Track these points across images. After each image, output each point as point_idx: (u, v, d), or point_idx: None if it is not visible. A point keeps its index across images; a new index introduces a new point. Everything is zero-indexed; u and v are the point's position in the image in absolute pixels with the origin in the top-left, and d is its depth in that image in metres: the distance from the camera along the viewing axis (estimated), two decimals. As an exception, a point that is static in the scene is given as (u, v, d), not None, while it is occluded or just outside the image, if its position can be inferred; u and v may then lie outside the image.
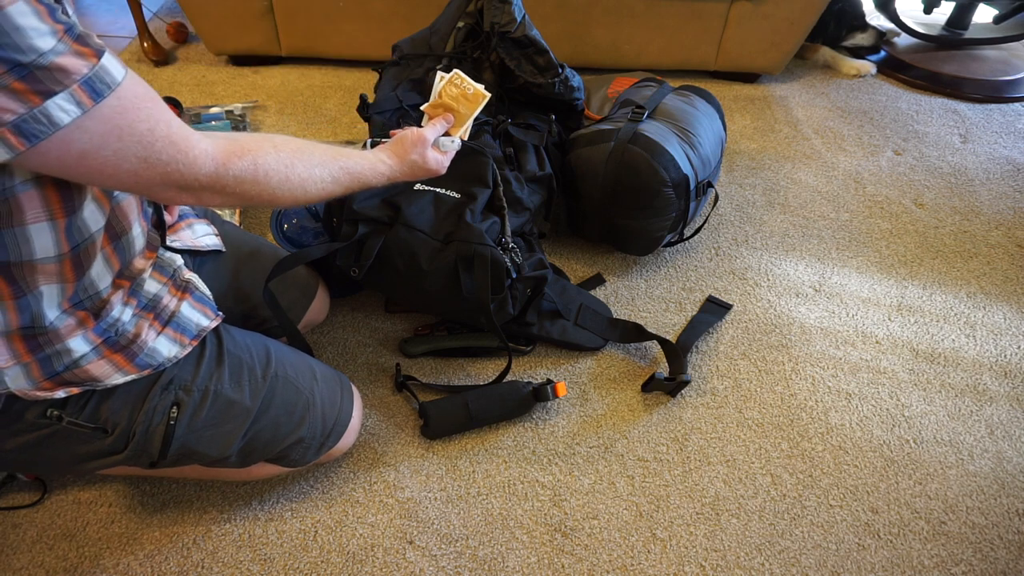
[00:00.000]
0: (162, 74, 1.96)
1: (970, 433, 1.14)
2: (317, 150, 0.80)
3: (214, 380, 0.84)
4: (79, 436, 0.78)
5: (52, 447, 0.79)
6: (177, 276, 0.86)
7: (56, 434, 0.77)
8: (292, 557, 0.96)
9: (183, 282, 0.86)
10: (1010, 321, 1.34)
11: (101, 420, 0.78)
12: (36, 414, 0.75)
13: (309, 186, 0.77)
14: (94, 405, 0.78)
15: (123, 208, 0.73)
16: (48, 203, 0.62)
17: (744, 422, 1.15)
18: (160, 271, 0.84)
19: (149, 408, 0.80)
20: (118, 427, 0.79)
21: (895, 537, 1.01)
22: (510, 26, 1.29)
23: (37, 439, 0.77)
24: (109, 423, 0.79)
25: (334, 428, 0.95)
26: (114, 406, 0.78)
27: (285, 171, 0.74)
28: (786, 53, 1.93)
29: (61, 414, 0.76)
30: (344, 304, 1.31)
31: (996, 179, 1.70)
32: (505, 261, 1.06)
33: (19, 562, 0.94)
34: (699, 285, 1.39)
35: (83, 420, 0.77)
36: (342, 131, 1.77)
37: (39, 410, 0.75)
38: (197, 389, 0.82)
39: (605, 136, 1.29)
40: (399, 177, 0.93)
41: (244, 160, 0.69)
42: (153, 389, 0.80)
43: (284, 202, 0.77)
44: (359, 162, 0.85)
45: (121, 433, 0.79)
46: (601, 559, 0.97)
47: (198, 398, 0.82)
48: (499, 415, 1.11)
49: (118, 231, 0.73)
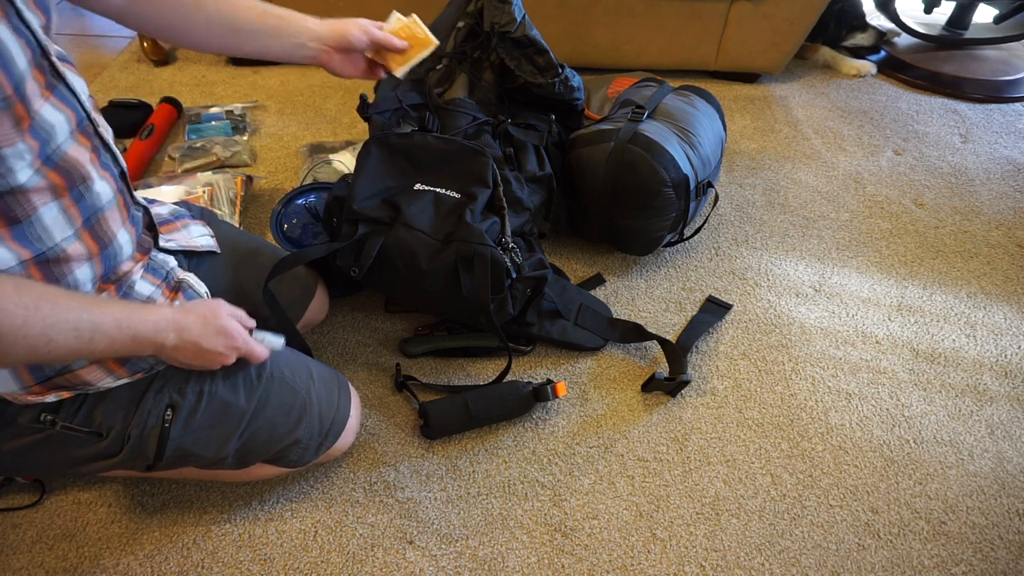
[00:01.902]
0: (162, 74, 1.97)
1: (970, 433, 1.14)
2: (72, 297, 0.66)
3: (208, 382, 0.84)
4: (74, 440, 0.78)
5: (48, 451, 0.78)
6: (171, 277, 0.86)
7: (51, 438, 0.77)
8: (292, 557, 0.96)
9: (176, 283, 0.86)
10: (1010, 321, 1.34)
11: (95, 424, 0.78)
12: (29, 418, 0.75)
13: (55, 335, 0.62)
14: (88, 409, 0.78)
15: (105, 218, 0.72)
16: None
17: (744, 422, 1.14)
18: (153, 273, 0.84)
19: (144, 411, 0.80)
20: (113, 430, 0.79)
21: (895, 537, 1.01)
22: (510, 26, 1.29)
23: (32, 443, 0.77)
24: (104, 427, 0.78)
25: (332, 428, 0.95)
26: (108, 410, 0.78)
27: (23, 315, 0.59)
28: (786, 53, 1.93)
29: (55, 419, 0.76)
30: (344, 304, 1.31)
31: (996, 179, 1.70)
32: (505, 261, 1.06)
33: (19, 562, 0.94)
34: (699, 285, 1.39)
35: (77, 424, 0.77)
36: (342, 131, 1.77)
37: (32, 414, 0.75)
38: (192, 391, 0.82)
39: (605, 136, 1.29)
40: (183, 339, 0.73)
41: None
42: (147, 392, 0.80)
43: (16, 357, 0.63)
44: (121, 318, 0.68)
45: (116, 436, 0.79)
46: (601, 559, 0.97)
47: (193, 400, 0.82)
48: (499, 415, 1.11)
49: (103, 240, 0.73)
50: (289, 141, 1.73)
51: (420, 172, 1.15)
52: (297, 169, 1.63)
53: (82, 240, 0.70)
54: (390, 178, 1.14)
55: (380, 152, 1.14)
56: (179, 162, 1.60)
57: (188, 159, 1.60)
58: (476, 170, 1.14)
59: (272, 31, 0.88)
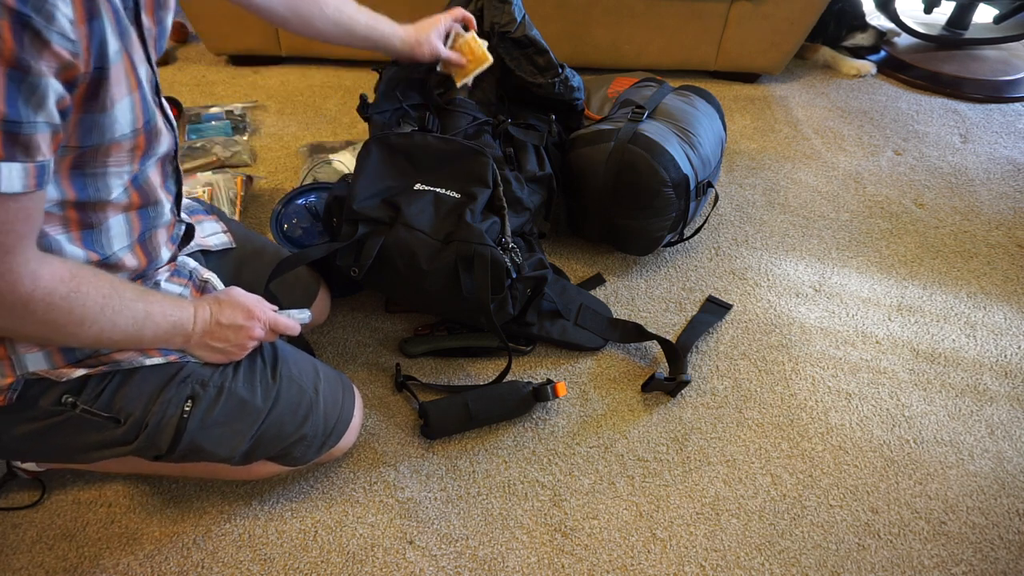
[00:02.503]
0: (162, 74, 1.96)
1: (970, 433, 1.14)
2: (129, 287, 0.72)
3: (229, 378, 0.85)
4: (91, 424, 0.79)
5: (62, 434, 0.79)
6: (195, 277, 0.89)
7: (68, 421, 0.77)
8: (292, 557, 0.96)
9: (202, 282, 0.89)
10: (1010, 321, 1.34)
11: (115, 409, 0.79)
12: (51, 400, 0.76)
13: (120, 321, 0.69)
14: (110, 393, 0.78)
15: (156, 234, 0.79)
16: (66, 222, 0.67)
17: (744, 422, 1.14)
18: (177, 275, 0.87)
19: (165, 399, 0.80)
20: (131, 417, 0.79)
21: (895, 537, 1.01)
22: (510, 26, 1.29)
23: (47, 426, 0.77)
24: (123, 412, 0.79)
25: (336, 427, 0.95)
26: (130, 395, 0.79)
27: (102, 301, 0.66)
28: (786, 53, 1.93)
29: (76, 401, 0.76)
30: (344, 304, 1.31)
31: (996, 179, 1.70)
32: (505, 261, 1.06)
33: (19, 562, 0.94)
34: (699, 285, 1.39)
35: (97, 408, 0.78)
36: (342, 131, 1.77)
37: (54, 396, 0.76)
38: (213, 385, 0.83)
39: (605, 136, 1.29)
40: (216, 318, 0.80)
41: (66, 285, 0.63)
42: (171, 381, 0.81)
43: (87, 339, 0.69)
44: (164, 307, 0.75)
45: (134, 423, 0.80)
46: (601, 559, 0.97)
47: (213, 394, 0.83)
48: (499, 415, 1.11)
49: (151, 254, 0.80)
50: (289, 141, 1.73)
51: (420, 172, 1.15)
52: (297, 169, 1.63)
53: (134, 252, 0.77)
54: (390, 178, 1.14)
55: (380, 152, 1.14)
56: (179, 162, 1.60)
57: (188, 159, 1.60)
58: (476, 170, 1.14)
59: (369, 39, 1.13)
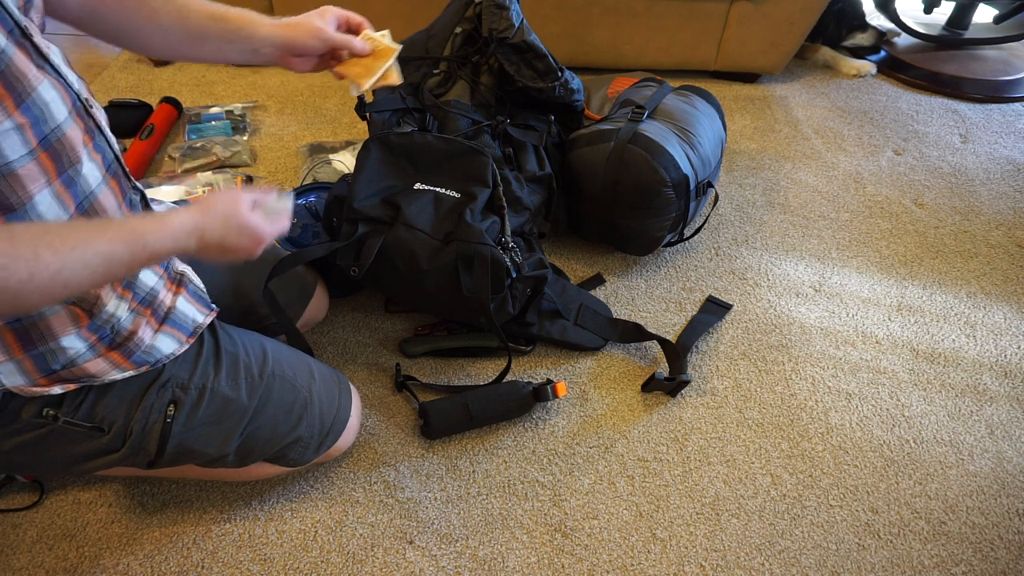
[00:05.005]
0: (162, 74, 1.96)
1: (970, 433, 1.14)
2: (74, 232, 0.62)
3: (211, 378, 0.84)
4: (76, 435, 0.78)
5: (49, 447, 0.78)
6: (171, 268, 0.85)
7: (52, 434, 0.77)
8: (292, 557, 0.96)
9: (177, 274, 0.86)
10: (1010, 321, 1.33)
11: (98, 419, 0.78)
12: (32, 413, 0.75)
13: (68, 278, 0.59)
14: (90, 404, 0.78)
15: (99, 200, 0.70)
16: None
17: (744, 422, 1.14)
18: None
19: (146, 406, 0.80)
20: (115, 425, 0.79)
21: (895, 537, 1.00)
22: (508, 32, 1.29)
23: (33, 439, 0.77)
24: (106, 422, 0.79)
25: (332, 427, 0.95)
26: (110, 404, 0.78)
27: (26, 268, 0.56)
28: (786, 53, 1.93)
29: (57, 413, 0.76)
30: (344, 304, 1.31)
31: (996, 179, 1.70)
32: (505, 261, 1.06)
33: (19, 562, 0.94)
34: (699, 285, 1.38)
35: (79, 419, 0.77)
36: (342, 131, 1.77)
37: (35, 409, 0.75)
38: (194, 387, 0.82)
39: (605, 136, 1.29)
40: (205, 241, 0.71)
41: None
42: (151, 387, 0.80)
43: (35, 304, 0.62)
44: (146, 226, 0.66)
45: (118, 432, 0.79)
46: (601, 559, 0.97)
47: (195, 396, 0.82)
48: (499, 415, 1.11)
49: None
50: (289, 141, 1.73)
51: (420, 171, 1.15)
52: (297, 169, 1.63)
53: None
54: (390, 177, 1.14)
55: (380, 151, 1.14)
56: (179, 162, 1.60)
57: (188, 159, 1.60)
58: (476, 169, 1.14)
59: (224, 36, 0.83)
